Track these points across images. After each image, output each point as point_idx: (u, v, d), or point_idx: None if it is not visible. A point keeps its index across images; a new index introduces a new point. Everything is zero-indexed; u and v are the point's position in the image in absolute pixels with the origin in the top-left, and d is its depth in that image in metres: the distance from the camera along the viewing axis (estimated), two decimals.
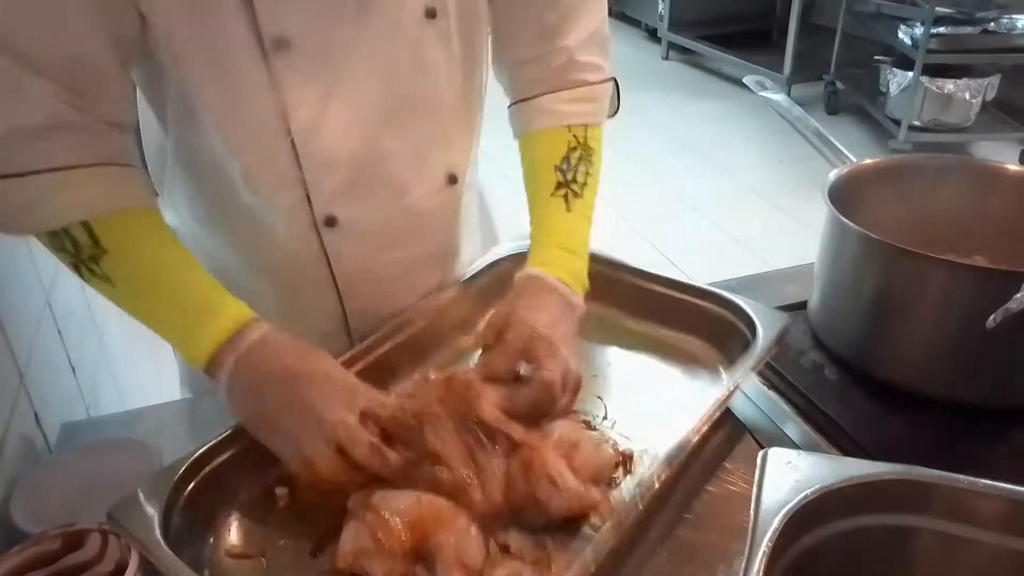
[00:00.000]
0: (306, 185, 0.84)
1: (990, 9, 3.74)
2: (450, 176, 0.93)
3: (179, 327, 0.76)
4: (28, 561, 0.65)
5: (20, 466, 0.84)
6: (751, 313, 0.90)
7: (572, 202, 0.92)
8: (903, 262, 0.87)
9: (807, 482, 0.60)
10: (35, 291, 1.07)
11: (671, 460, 0.72)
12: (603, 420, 0.87)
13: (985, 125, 3.88)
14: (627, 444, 0.83)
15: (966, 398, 0.89)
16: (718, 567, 0.71)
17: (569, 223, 0.92)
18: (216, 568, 0.71)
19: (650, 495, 0.70)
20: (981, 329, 0.77)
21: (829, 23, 4.75)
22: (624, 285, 1.02)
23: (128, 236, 0.76)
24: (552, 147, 0.94)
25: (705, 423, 0.77)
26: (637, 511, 0.70)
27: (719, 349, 0.95)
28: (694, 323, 0.97)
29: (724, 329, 0.94)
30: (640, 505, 0.69)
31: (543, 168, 0.93)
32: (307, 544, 0.73)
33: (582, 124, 0.95)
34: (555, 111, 0.95)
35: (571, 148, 0.94)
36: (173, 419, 0.97)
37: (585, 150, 0.95)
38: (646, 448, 0.81)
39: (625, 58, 5.82)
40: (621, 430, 0.85)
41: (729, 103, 4.81)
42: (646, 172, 4.00)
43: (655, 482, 0.71)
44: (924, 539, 0.62)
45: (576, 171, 0.93)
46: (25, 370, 0.94)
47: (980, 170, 1.06)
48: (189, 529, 0.71)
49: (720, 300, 0.95)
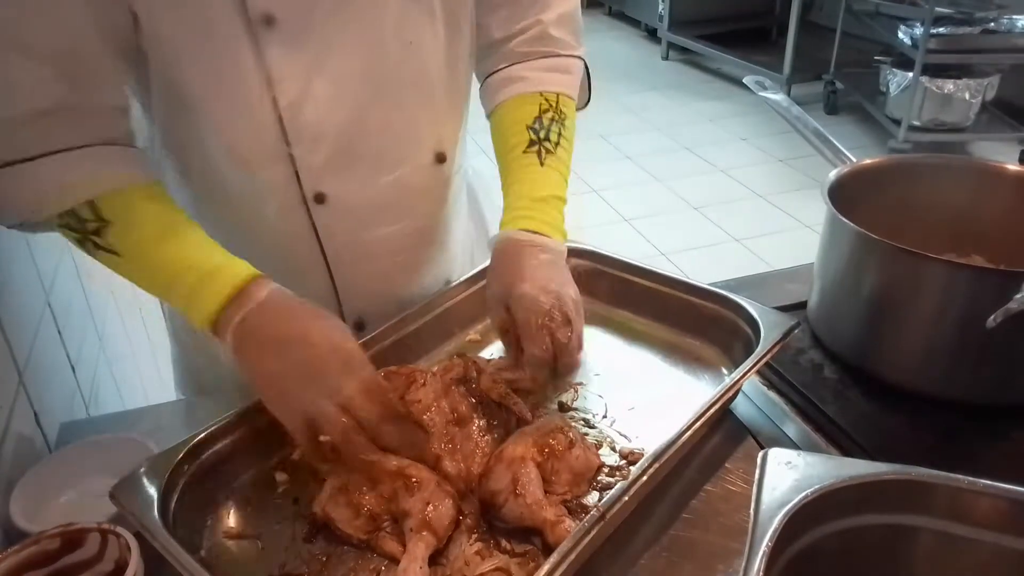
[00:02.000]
0: (294, 161, 0.85)
1: (990, 9, 3.74)
2: (438, 155, 0.94)
3: (185, 290, 0.76)
4: (27, 560, 0.65)
5: (20, 466, 0.84)
6: (755, 314, 0.90)
7: (545, 158, 0.90)
8: (903, 262, 0.87)
9: (807, 482, 0.60)
10: (35, 291, 1.07)
11: (659, 457, 0.72)
12: (603, 418, 0.87)
13: (985, 125, 3.88)
14: (625, 443, 0.83)
15: (966, 398, 0.89)
16: (717, 566, 0.71)
17: (542, 175, 0.90)
18: (213, 550, 0.73)
19: (637, 490, 0.70)
20: (981, 329, 0.77)
21: (829, 23, 4.75)
22: (626, 284, 1.03)
23: (131, 208, 0.77)
24: (524, 110, 0.93)
25: (699, 420, 0.77)
26: (627, 508, 0.69)
27: (722, 349, 0.95)
28: (697, 323, 0.97)
29: (727, 330, 0.94)
30: (626, 498, 0.68)
31: (515, 129, 0.92)
32: (303, 527, 0.75)
33: (554, 91, 0.94)
34: (528, 78, 0.94)
35: (543, 110, 0.93)
36: (172, 419, 0.97)
37: (558, 114, 0.93)
38: (644, 448, 0.82)
39: (625, 58, 5.83)
40: (620, 428, 0.86)
41: (729, 103, 4.81)
42: (646, 172, 4.01)
43: (643, 477, 0.70)
44: (924, 539, 0.62)
45: (549, 131, 0.91)
46: (25, 370, 0.94)
47: (980, 170, 1.06)
48: (188, 510, 0.73)
49: (724, 300, 0.95)
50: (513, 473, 0.72)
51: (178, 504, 0.72)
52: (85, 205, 0.75)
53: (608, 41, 6.19)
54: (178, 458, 0.74)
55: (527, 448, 0.74)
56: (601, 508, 0.66)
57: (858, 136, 4.17)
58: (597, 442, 0.83)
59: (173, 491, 0.72)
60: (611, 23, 6.64)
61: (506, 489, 0.71)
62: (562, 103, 0.95)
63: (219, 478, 0.78)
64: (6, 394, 0.88)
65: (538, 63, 0.95)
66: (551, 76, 0.95)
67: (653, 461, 0.72)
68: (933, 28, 3.58)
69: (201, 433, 0.76)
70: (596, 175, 3.87)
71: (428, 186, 0.96)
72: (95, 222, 0.76)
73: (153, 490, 0.70)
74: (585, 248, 1.05)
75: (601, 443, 0.83)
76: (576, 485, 0.76)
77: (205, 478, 0.76)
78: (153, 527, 0.67)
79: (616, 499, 0.68)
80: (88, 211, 0.75)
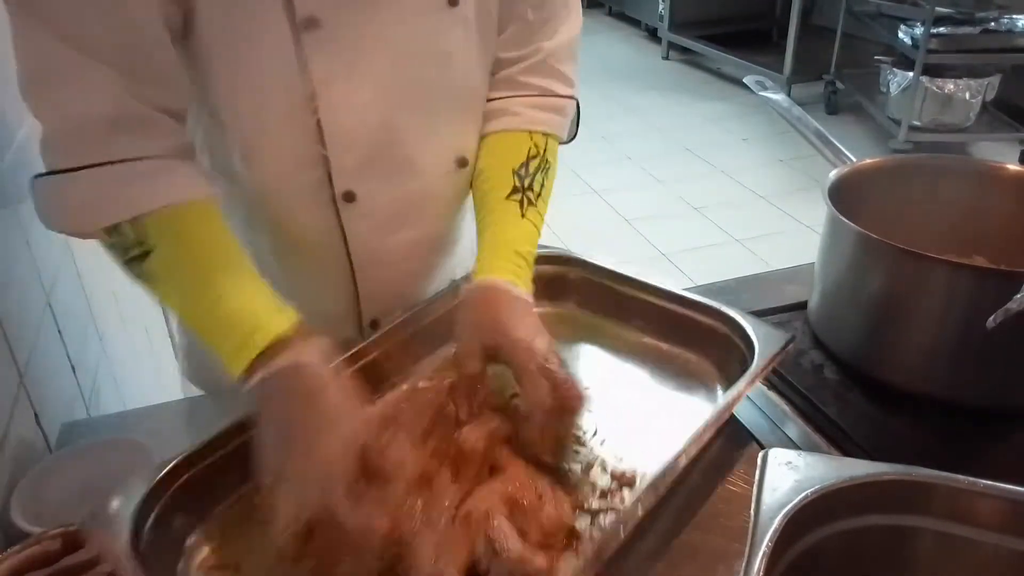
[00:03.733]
0: (328, 163, 0.86)
1: (990, 9, 3.74)
2: (460, 159, 0.95)
3: (217, 337, 0.74)
4: (28, 561, 0.65)
5: (20, 466, 0.84)
6: (749, 330, 0.87)
7: (526, 209, 0.90)
8: (903, 262, 0.87)
9: (807, 482, 0.60)
10: (35, 291, 1.07)
11: (657, 486, 0.70)
12: (593, 436, 0.84)
13: (985, 125, 3.88)
14: (617, 464, 0.80)
15: (966, 398, 0.89)
16: (718, 567, 0.71)
17: (521, 227, 0.89)
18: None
19: (633, 524, 0.68)
20: (981, 329, 0.77)
21: (829, 23, 4.75)
22: (616, 294, 0.99)
23: (176, 234, 0.74)
24: (512, 150, 0.93)
25: (694, 446, 0.74)
26: (619, 540, 0.67)
27: (715, 363, 0.93)
28: (689, 336, 0.94)
29: (720, 343, 0.91)
30: (623, 534, 0.66)
31: (500, 170, 0.92)
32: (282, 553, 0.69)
33: (543, 133, 0.95)
34: (520, 114, 0.94)
35: (531, 156, 0.93)
36: (173, 419, 0.97)
37: (543, 161, 0.94)
38: (636, 468, 0.79)
39: (625, 58, 5.83)
40: (611, 447, 0.82)
41: (729, 103, 4.81)
42: (646, 172, 4.01)
43: (638, 511, 0.68)
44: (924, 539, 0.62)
45: (533, 179, 0.92)
46: (25, 370, 0.94)
47: (980, 170, 1.06)
48: (161, 542, 0.69)
49: (717, 314, 0.92)
50: (484, 533, 0.66)
51: (151, 536, 0.68)
52: (131, 227, 0.72)
53: (608, 41, 6.19)
54: (149, 488, 0.70)
55: (493, 503, 0.69)
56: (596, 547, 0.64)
57: (859, 136, 4.17)
58: (588, 462, 0.80)
59: (144, 523, 0.68)
60: (611, 23, 6.64)
61: (485, 553, 0.66)
62: (549, 149, 0.95)
63: (193, 507, 0.74)
64: (7, 395, 0.88)
65: (533, 100, 0.95)
66: (543, 115, 0.95)
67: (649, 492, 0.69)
68: (933, 28, 3.58)
69: (172, 461, 0.72)
70: (596, 176, 3.87)
71: (449, 190, 0.97)
72: (138, 247, 0.72)
73: (124, 525, 0.66)
74: (573, 256, 1.03)
75: (592, 464, 0.80)
76: (547, 547, 0.69)
77: (177, 508, 0.72)
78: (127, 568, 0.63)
79: (613, 535, 0.65)
80: (133, 233, 0.72)
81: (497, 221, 0.90)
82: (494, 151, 0.95)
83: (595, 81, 5.13)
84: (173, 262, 0.74)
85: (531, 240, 0.89)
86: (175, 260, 0.75)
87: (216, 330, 0.74)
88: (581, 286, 1.03)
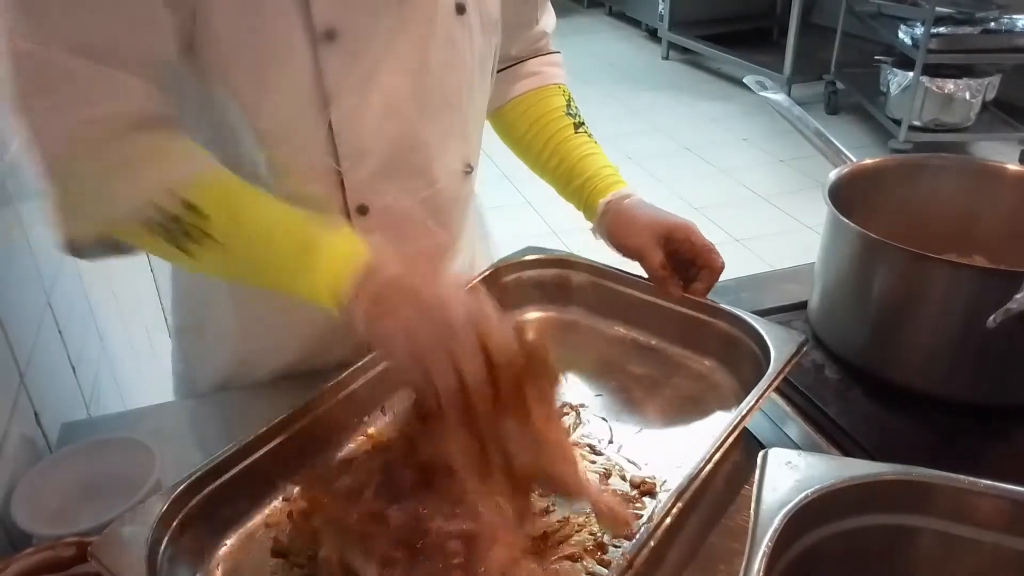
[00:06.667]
0: (340, 174, 0.85)
1: (990, 9, 3.74)
2: (467, 166, 0.96)
3: (300, 276, 0.72)
4: (40, 565, 0.64)
5: (20, 466, 0.84)
6: (764, 335, 0.86)
7: (591, 136, 1.06)
8: (903, 262, 0.87)
9: (807, 482, 0.60)
10: (35, 291, 1.07)
11: (682, 494, 0.68)
12: (609, 443, 0.84)
13: (985, 125, 3.88)
14: (636, 471, 0.81)
15: (966, 398, 0.89)
16: (718, 567, 0.71)
17: (599, 150, 1.05)
18: None
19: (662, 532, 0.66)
20: (982, 329, 0.77)
21: (829, 23, 4.75)
22: (627, 298, 0.99)
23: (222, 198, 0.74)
24: (553, 100, 1.07)
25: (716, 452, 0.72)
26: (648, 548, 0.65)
27: (728, 366, 0.93)
28: (701, 340, 0.94)
29: (733, 346, 0.90)
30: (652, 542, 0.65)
31: (554, 117, 1.05)
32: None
33: (563, 83, 1.09)
34: (543, 72, 1.08)
35: (568, 100, 1.08)
36: (173, 419, 0.97)
37: (574, 103, 1.08)
38: (655, 475, 0.79)
39: (625, 58, 5.83)
40: (628, 454, 0.83)
41: (729, 103, 4.81)
42: (646, 172, 4.00)
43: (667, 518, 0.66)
44: (924, 539, 0.62)
45: (579, 115, 1.07)
46: (25, 370, 0.94)
47: (980, 170, 1.06)
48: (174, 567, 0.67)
49: (730, 317, 0.91)
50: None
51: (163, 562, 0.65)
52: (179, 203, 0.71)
53: (609, 41, 6.19)
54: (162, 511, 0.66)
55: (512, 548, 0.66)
56: (628, 556, 0.63)
57: (859, 136, 4.17)
58: (606, 470, 0.80)
59: (157, 549, 0.65)
60: (611, 23, 6.64)
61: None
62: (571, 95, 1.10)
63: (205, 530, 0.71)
64: (7, 394, 0.88)
65: (542, 59, 1.08)
66: (555, 70, 1.09)
67: (676, 500, 0.67)
68: (934, 28, 3.58)
69: (184, 483, 0.69)
70: None
71: (457, 197, 0.97)
72: (192, 217, 0.71)
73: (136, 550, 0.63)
74: (584, 261, 1.03)
75: (610, 472, 0.80)
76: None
77: (189, 531, 0.69)
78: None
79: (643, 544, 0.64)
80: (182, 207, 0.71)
81: (581, 151, 1.04)
82: (535, 106, 1.07)
83: (595, 81, 5.13)
84: (230, 221, 0.73)
85: (606, 157, 1.06)
86: (231, 219, 0.73)
87: (297, 269, 0.72)
88: (586, 289, 1.02)
